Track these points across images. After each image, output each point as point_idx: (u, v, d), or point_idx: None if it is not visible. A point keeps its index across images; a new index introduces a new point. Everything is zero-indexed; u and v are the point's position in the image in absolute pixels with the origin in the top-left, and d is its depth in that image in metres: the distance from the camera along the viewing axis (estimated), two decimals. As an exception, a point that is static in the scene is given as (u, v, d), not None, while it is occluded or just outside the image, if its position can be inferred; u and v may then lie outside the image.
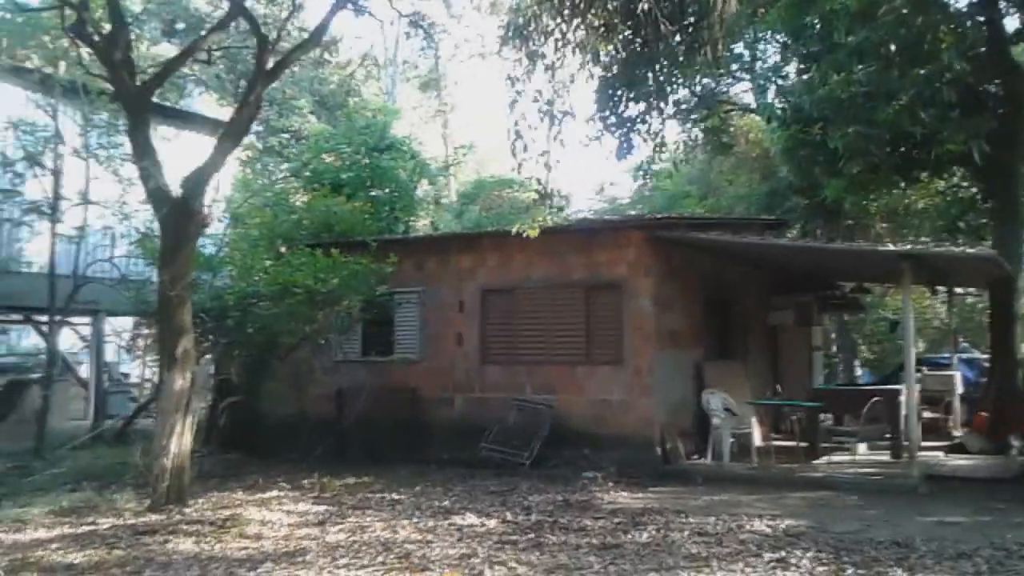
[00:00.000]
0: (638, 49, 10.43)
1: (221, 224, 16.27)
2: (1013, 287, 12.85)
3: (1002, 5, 12.68)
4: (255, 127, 21.13)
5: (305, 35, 12.85)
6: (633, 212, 27.44)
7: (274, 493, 9.99)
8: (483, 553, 6.91)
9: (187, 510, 8.75)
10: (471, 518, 8.39)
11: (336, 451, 12.55)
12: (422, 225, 21.91)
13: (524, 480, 10.71)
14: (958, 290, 17.47)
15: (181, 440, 8.94)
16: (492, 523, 8.16)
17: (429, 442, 12.71)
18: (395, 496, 9.71)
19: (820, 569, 6.36)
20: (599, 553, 6.94)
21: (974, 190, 15.25)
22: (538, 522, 8.18)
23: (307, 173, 18.93)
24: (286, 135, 25.64)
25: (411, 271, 13.58)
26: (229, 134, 9.90)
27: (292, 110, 25.03)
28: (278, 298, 11.93)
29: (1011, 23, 13.54)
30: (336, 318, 12.70)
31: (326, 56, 29.16)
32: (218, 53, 14.54)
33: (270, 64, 10.09)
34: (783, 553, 6.84)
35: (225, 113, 19.26)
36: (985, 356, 19.57)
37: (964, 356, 18.20)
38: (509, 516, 8.48)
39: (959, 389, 14.89)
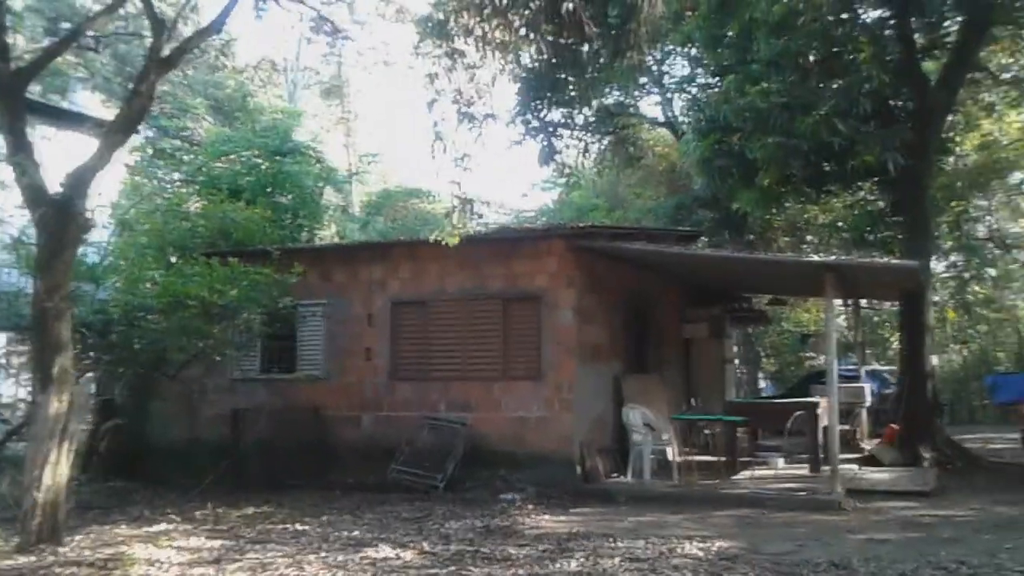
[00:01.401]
0: (562, 52, 10.06)
1: (106, 231, 15.06)
2: (924, 299, 13.04)
3: (913, 20, 12.88)
4: (146, 131, 19.85)
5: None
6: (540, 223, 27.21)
7: (163, 527, 9.01)
8: (402, 591, 6.26)
9: (62, 550, 7.71)
10: (385, 550, 7.69)
11: (233, 478, 11.59)
12: (328, 234, 21.04)
13: (439, 504, 10.08)
14: (863, 303, 17.79)
15: (56, 470, 7.90)
16: (409, 555, 7.49)
17: (335, 465, 11.93)
18: (299, 527, 8.90)
19: (762, 596, 5.98)
20: (527, 585, 6.40)
21: (881, 203, 15.53)
22: (459, 552, 7.56)
23: (202, 178, 17.82)
24: (178, 140, 24.34)
25: (316, 282, 12.79)
26: (117, 128, 8.93)
27: (186, 111, 23.71)
28: (169, 311, 10.98)
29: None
30: (234, 333, 11.81)
31: (222, 59, 28.01)
32: (107, 49, 13.43)
33: (165, 51, 9.18)
34: (721, 579, 6.45)
35: (112, 115, 18.00)
36: (887, 368, 20.13)
37: (868, 368, 18.55)
38: (427, 546, 7.82)
39: (868, 401, 15.07)
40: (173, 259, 12.90)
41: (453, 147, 9.09)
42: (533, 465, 10.94)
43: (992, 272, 23.69)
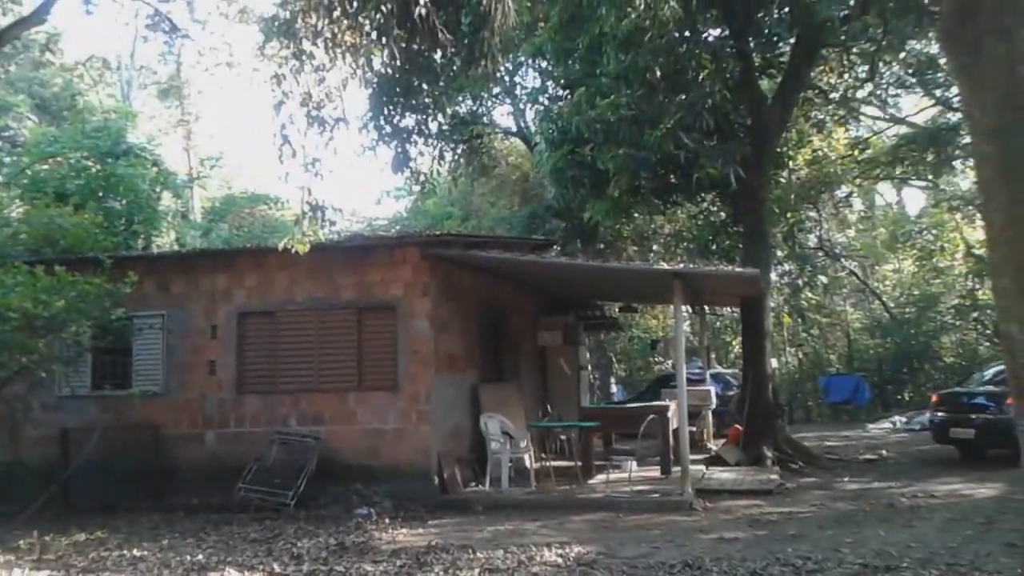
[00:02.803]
0: (414, 57, 9.90)
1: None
2: (763, 305, 13.68)
3: (751, 40, 13.54)
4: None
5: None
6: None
7: (-22, 561, 8.17)
8: (249, 618, 5.89)
9: None
10: (232, 574, 7.26)
11: (62, 503, 10.70)
12: (166, 241, 19.89)
13: (290, 523, 9.63)
14: (707, 309, 18.54)
15: None
16: (257, 578, 7.11)
17: (177, 486, 11.23)
18: (137, 552, 8.27)
19: (620, 601, 6.00)
20: (387, 604, 6.17)
21: (723, 214, 16.23)
22: (311, 572, 7.24)
23: (25, 180, 16.46)
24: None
25: (154, 292, 12.03)
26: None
27: (8, 109, 21.91)
28: (-13, 324, 9.96)
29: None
30: (61, 347, 10.89)
31: (47, 55, 26.13)
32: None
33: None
34: (584, 586, 6.45)
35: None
36: (730, 371, 21.05)
37: (713, 372, 19.31)
38: (276, 568, 7.44)
39: (713, 403, 15.66)
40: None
41: (302, 152, 8.74)
42: (389, 478, 10.67)
43: (823, 279, 25.34)
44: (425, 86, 10.43)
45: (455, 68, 10.21)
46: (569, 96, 15.38)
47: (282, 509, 10.23)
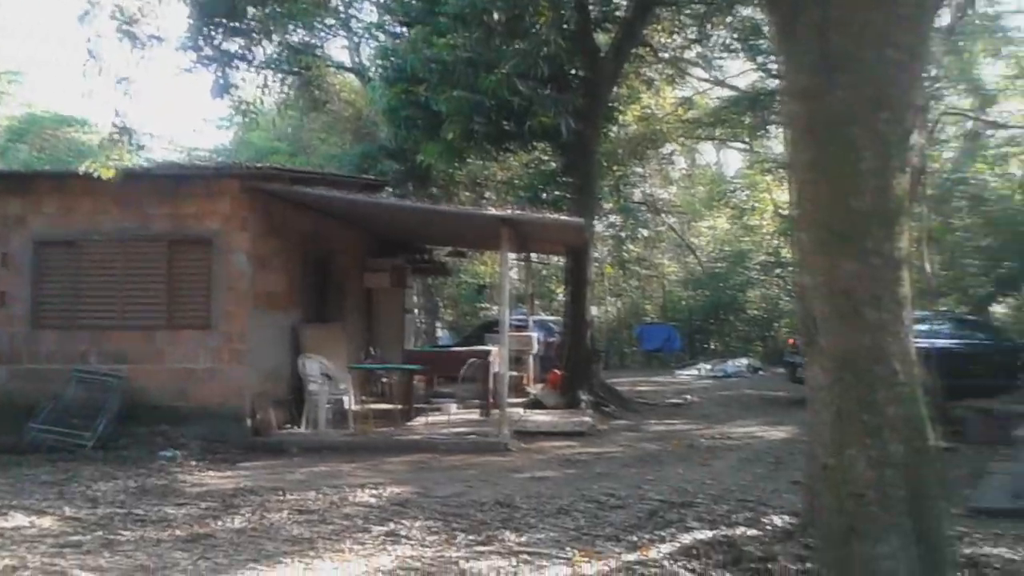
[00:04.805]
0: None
1: None
2: (587, 255, 14.07)
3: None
4: None
5: None
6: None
7: None
8: (35, 562, 5.48)
9: None
10: (18, 518, 6.75)
11: None
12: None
13: (87, 465, 9.06)
14: (534, 257, 18.87)
15: None
16: (47, 522, 6.63)
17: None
18: (-93, 497, 7.54)
19: (431, 538, 6.07)
20: (187, 547, 5.91)
21: (555, 164, 16.46)
22: (108, 515, 6.84)
23: None
24: None
25: (-65, 215, 10.86)
26: None
27: None
28: None
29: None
30: None
31: None
32: None
33: None
34: (392, 525, 6.46)
35: None
36: (553, 318, 21.63)
37: (536, 319, 19.78)
38: (69, 511, 6.99)
39: (535, 349, 16.06)
40: None
41: (111, 70, 8.06)
42: (200, 420, 10.25)
43: (645, 233, 26.41)
44: (251, 8, 9.81)
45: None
46: (407, 33, 15.02)
47: (78, 451, 9.61)
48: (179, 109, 55.24)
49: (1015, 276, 16.68)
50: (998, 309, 21.41)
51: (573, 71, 14.06)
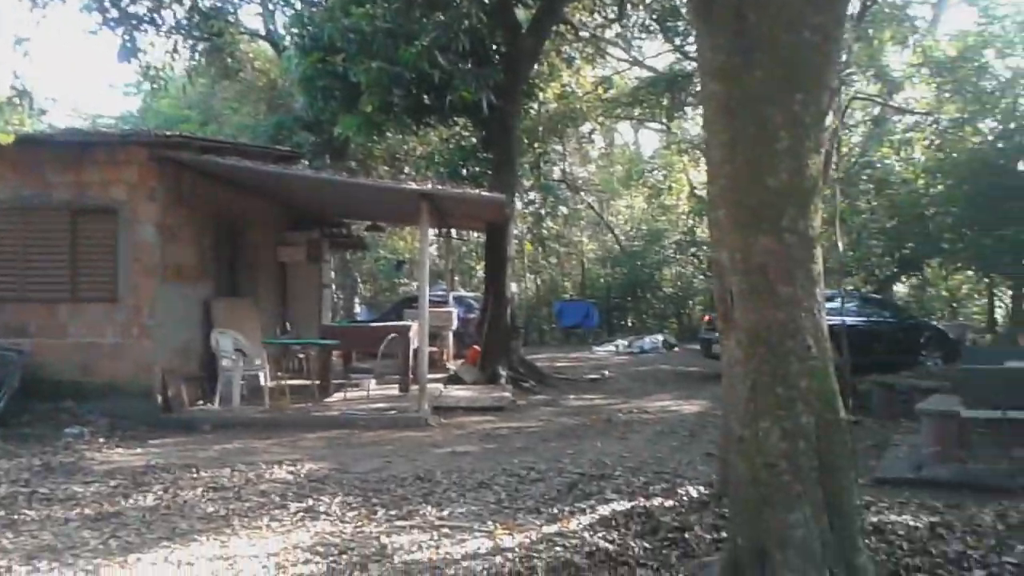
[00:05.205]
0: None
1: None
2: (507, 232, 14.08)
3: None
4: None
5: None
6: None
7: None
8: (-73, 548, 5.24)
9: None
10: (-95, 502, 6.41)
11: None
12: None
13: (-14, 444, 8.68)
14: (454, 233, 18.79)
15: None
16: (-60, 505, 6.33)
17: None
18: None
19: (351, 514, 6.02)
20: (95, 525, 5.73)
21: (475, 140, 16.38)
22: (10, 495, 6.57)
23: None
24: None
25: None
26: None
27: None
28: None
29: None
30: None
31: None
32: None
33: None
34: (310, 501, 6.38)
35: None
36: (472, 295, 21.64)
37: (456, 295, 19.75)
38: (-35, 492, 6.68)
39: (455, 325, 16.04)
40: None
41: (9, 29, 7.63)
42: (106, 396, 9.92)
43: (564, 211, 26.62)
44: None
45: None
46: (324, 1, 14.65)
47: (-24, 430, 9.18)
48: (84, 74, 52.84)
49: (917, 257, 17.43)
50: (901, 288, 22.46)
51: (494, 46, 13.98)
